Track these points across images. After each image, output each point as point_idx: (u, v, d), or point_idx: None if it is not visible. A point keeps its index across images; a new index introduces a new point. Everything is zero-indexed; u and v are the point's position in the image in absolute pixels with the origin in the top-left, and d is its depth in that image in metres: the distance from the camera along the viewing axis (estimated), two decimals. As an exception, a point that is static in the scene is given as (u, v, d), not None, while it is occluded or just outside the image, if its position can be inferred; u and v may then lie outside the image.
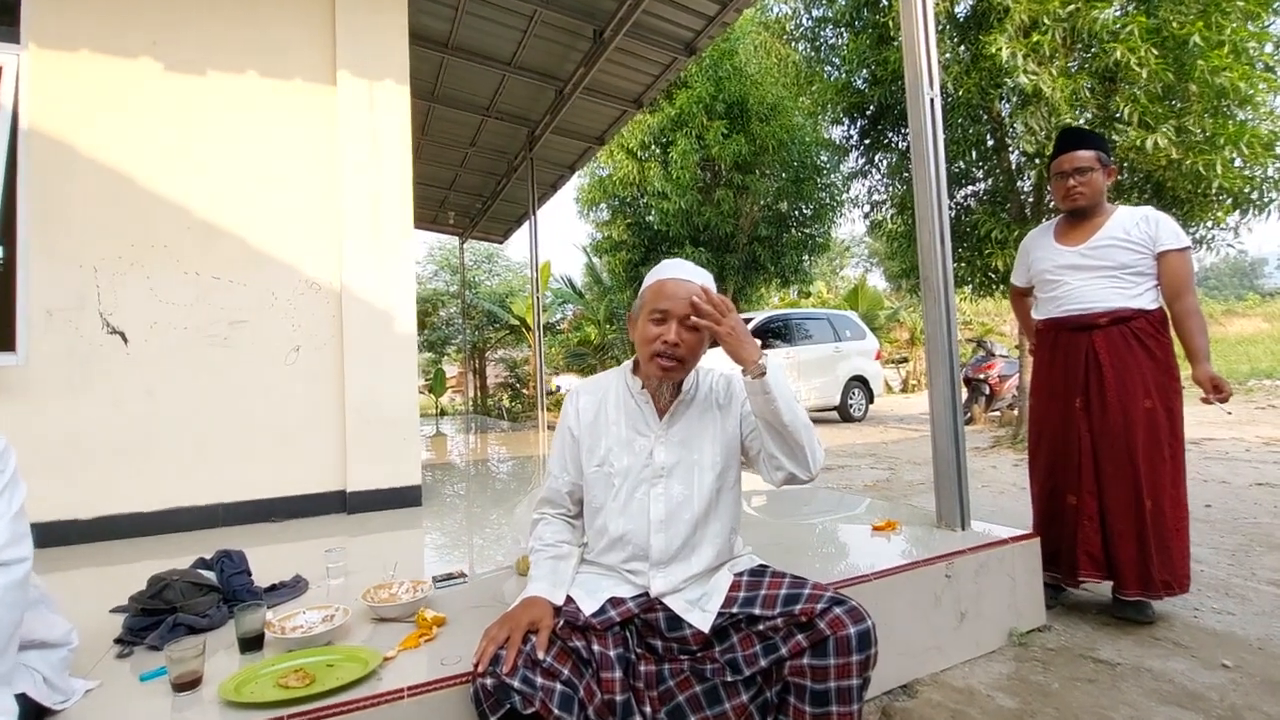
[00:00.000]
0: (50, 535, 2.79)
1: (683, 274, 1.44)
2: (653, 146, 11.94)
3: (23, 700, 1.15)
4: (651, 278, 1.47)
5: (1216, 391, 2.21)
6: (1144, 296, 2.30)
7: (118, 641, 1.63)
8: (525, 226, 9.05)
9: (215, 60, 3.24)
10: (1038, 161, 6.09)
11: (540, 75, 6.09)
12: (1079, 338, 2.37)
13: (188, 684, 1.34)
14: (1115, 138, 5.52)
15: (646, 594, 1.42)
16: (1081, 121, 5.72)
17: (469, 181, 9.17)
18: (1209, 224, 6.02)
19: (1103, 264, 2.31)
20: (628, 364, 1.56)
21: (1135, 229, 2.28)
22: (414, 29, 3.81)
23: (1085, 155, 2.32)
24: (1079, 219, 2.41)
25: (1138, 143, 5.37)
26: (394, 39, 3.58)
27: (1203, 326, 2.25)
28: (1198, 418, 8.29)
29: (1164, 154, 5.37)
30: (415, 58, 3.75)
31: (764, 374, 1.35)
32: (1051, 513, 2.45)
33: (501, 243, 12.32)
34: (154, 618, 1.65)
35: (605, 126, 7.18)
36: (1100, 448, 2.31)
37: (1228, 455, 5.61)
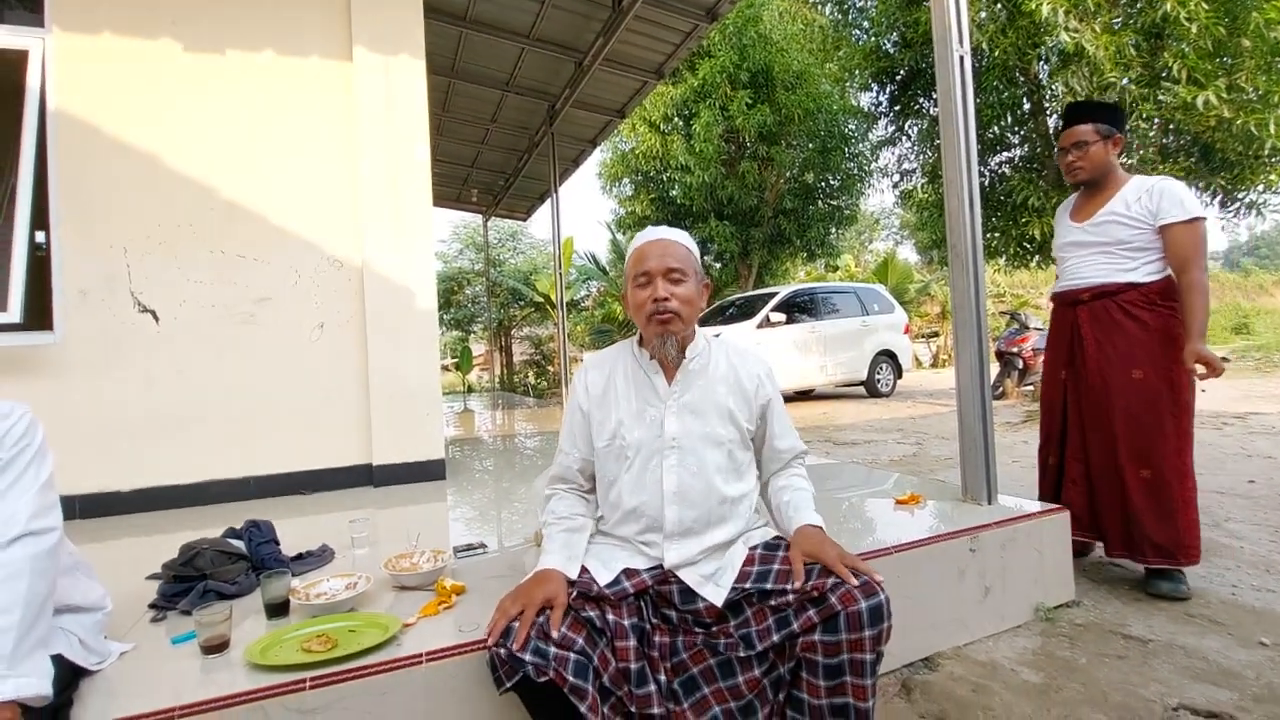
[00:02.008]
0: (93, 506, 2.90)
1: (654, 235, 1.48)
2: (675, 119, 11.75)
3: (59, 661, 1.20)
4: (629, 251, 1.51)
5: (1207, 368, 2.15)
6: (1139, 270, 2.29)
7: (152, 606, 1.69)
8: (548, 203, 9.02)
9: (233, 39, 3.25)
10: (1077, 125, 5.84)
11: (559, 47, 6.00)
12: (1067, 313, 2.47)
13: (216, 647, 1.38)
14: (1162, 97, 5.26)
15: (660, 566, 1.42)
16: (1125, 81, 5.45)
17: (491, 158, 9.14)
18: (1260, 188, 5.73)
19: (1100, 240, 2.34)
20: (633, 338, 1.55)
21: (1136, 203, 2.27)
22: (430, 3, 3.77)
23: (1082, 129, 2.36)
24: (1091, 193, 2.41)
25: (1187, 100, 5.10)
26: (409, 12, 3.55)
27: (1203, 304, 2.17)
28: (1244, 391, 7.99)
29: (1214, 113, 5.09)
30: (433, 32, 3.72)
31: None
32: (1042, 475, 2.59)
33: (525, 220, 12.32)
34: (185, 584, 1.71)
35: (626, 99, 7.07)
36: (1085, 417, 2.39)
37: (1274, 429, 5.39)
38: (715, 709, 1.30)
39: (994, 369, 8.46)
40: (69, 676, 1.22)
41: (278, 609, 1.55)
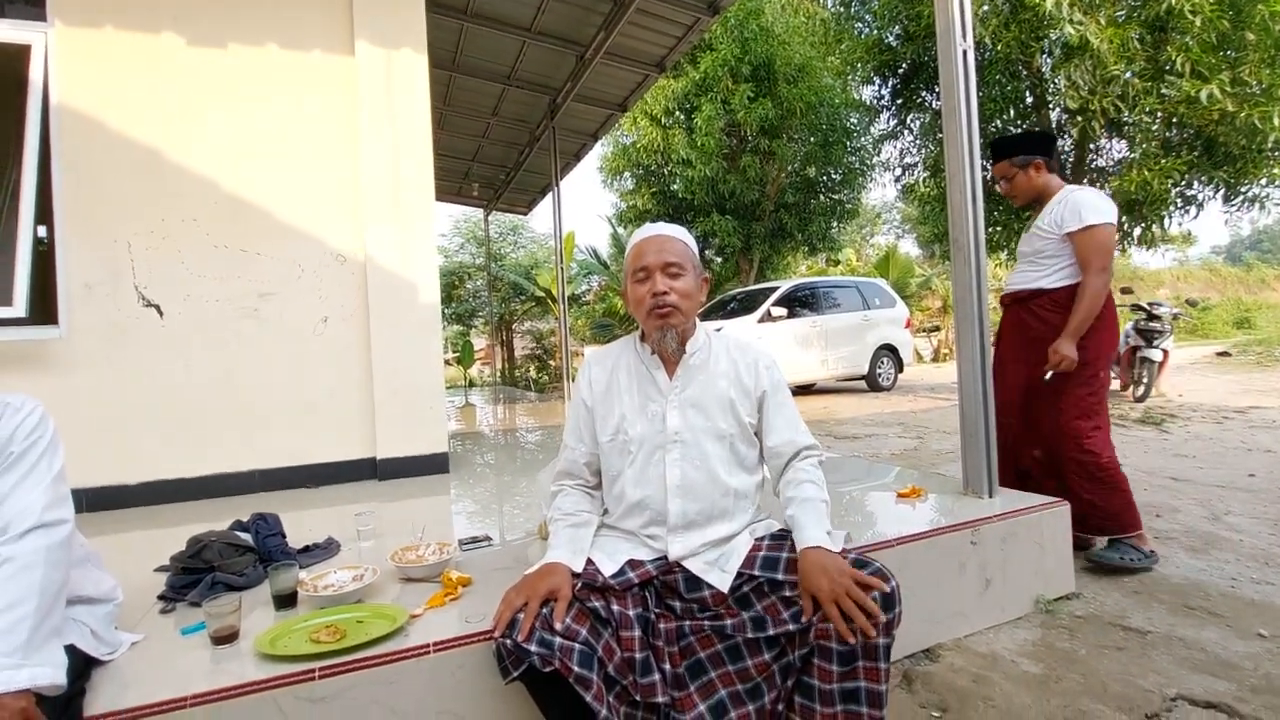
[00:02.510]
0: (100, 500, 2.92)
1: (652, 231, 1.50)
2: (676, 112, 11.71)
3: (72, 651, 1.21)
4: (628, 247, 1.52)
5: (1059, 361, 2.40)
6: (1050, 277, 2.50)
7: (160, 598, 1.71)
8: (549, 197, 9.01)
9: (235, 33, 3.25)
10: (1079, 118, 5.82)
11: (561, 40, 5.98)
12: (1004, 315, 2.74)
13: (226, 638, 1.40)
14: (1166, 90, 5.24)
15: (665, 557, 1.43)
16: (1129, 74, 5.43)
17: (492, 152, 9.12)
18: (1263, 182, 5.72)
19: (1024, 251, 2.62)
20: (635, 333, 1.57)
21: (1049, 215, 2.49)
22: (431, -5, 3.76)
23: (1000, 167, 2.63)
24: (1035, 210, 2.64)
25: (1190, 93, 5.08)
26: (411, 6, 3.54)
27: (1085, 307, 2.38)
28: (1245, 386, 8.00)
29: (1218, 107, 5.08)
30: (434, 26, 3.71)
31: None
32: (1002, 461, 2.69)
33: (526, 214, 12.30)
34: (193, 576, 1.72)
35: (628, 92, 7.04)
36: (1008, 407, 2.61)
37: (1275, 424, 5.40)
38: (721, 692, 1.31)
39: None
40: (82, 666, 1.24)
41: (286, 600, 1.57)
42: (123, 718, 1.17)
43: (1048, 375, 2.46)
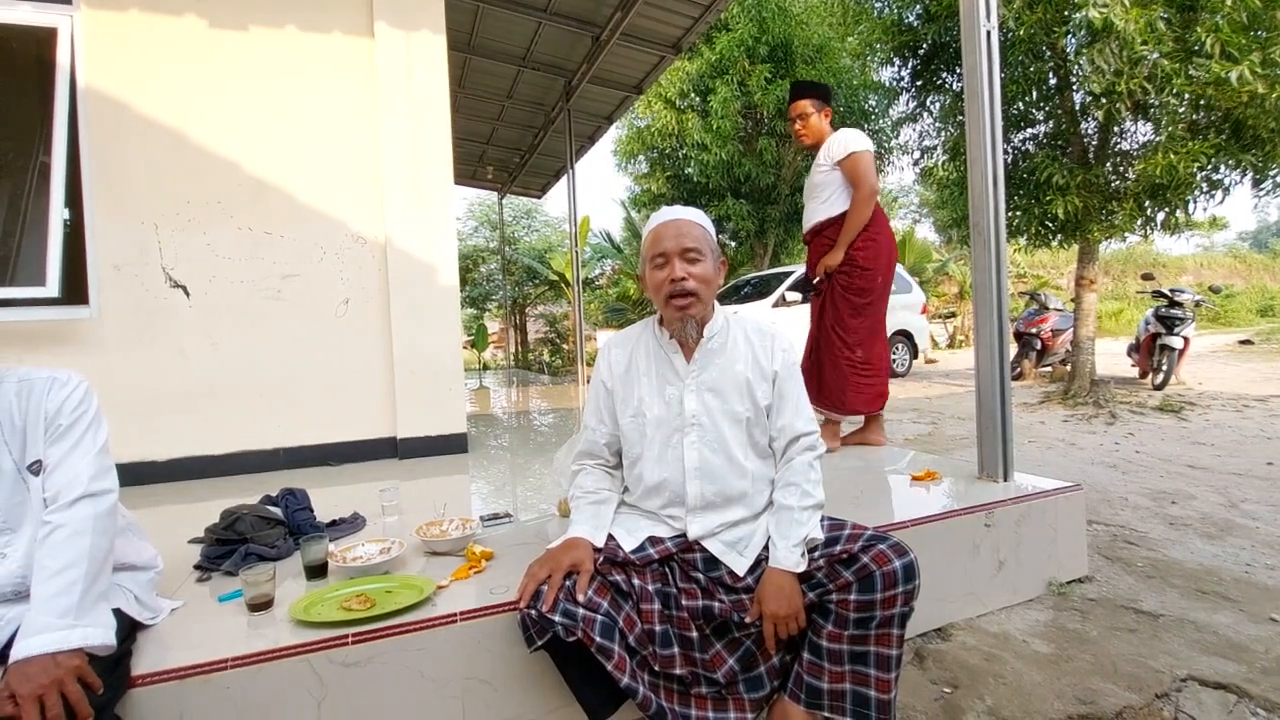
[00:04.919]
0: (131, 475, 3.01)
1: (670, 215, 1.50)
2: (692, 95, 11.58)
3: (118, 615, 1.27)
4: (645, 231, 1.52)
5: (827, 265, 2.93)
6: (830, 206, 2.95)
7: (197, 568, 1.77)
8: (563, 181, 8.99)
9: (256, 16, 3.27)
10: (1104, 101, 5.69)
11: (576, 21, 5.94)
12: (808, 250, 3.18)
13: (261, 605, 1.46)
14: (1194, 72, 5.11)
15: (684, 535, 1.47)
16: (1156, 55, 5.30)
17: (506, 135, 9.10)
18: (1293, 165, 5.58)
19: (808, 189, 3.07)
20: (654, 317, 1.58)
21: (824, 152, 2.95)
22: (449, -24, 3.75)
23: (802, 103, 3.02)
24: (814, 156, 3.04)
25: (1219, 75, 4.95)
26: (429, -13, 3.54)
27: (854, 219, 2.85)
28: (1265, 374, 7.88)
29: (1247, 89, 4.95)
30: (451, 8, 3.70)
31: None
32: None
33: (540, 197, 12.28)
34: (227, 547, 1.79)
35: (643, 74, 6.99)
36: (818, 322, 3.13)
37: (1297, 412, 5.34)
38: (748, 642, 1.38)
39: (1012, 350, 8.38)
40: (127, 629, 1.30)
41: (317, 571, 1.63)
42: (168, 678, 1.24)
43: (817, 278, 3.00)
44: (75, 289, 2.86)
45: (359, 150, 3.43)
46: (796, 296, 8.79)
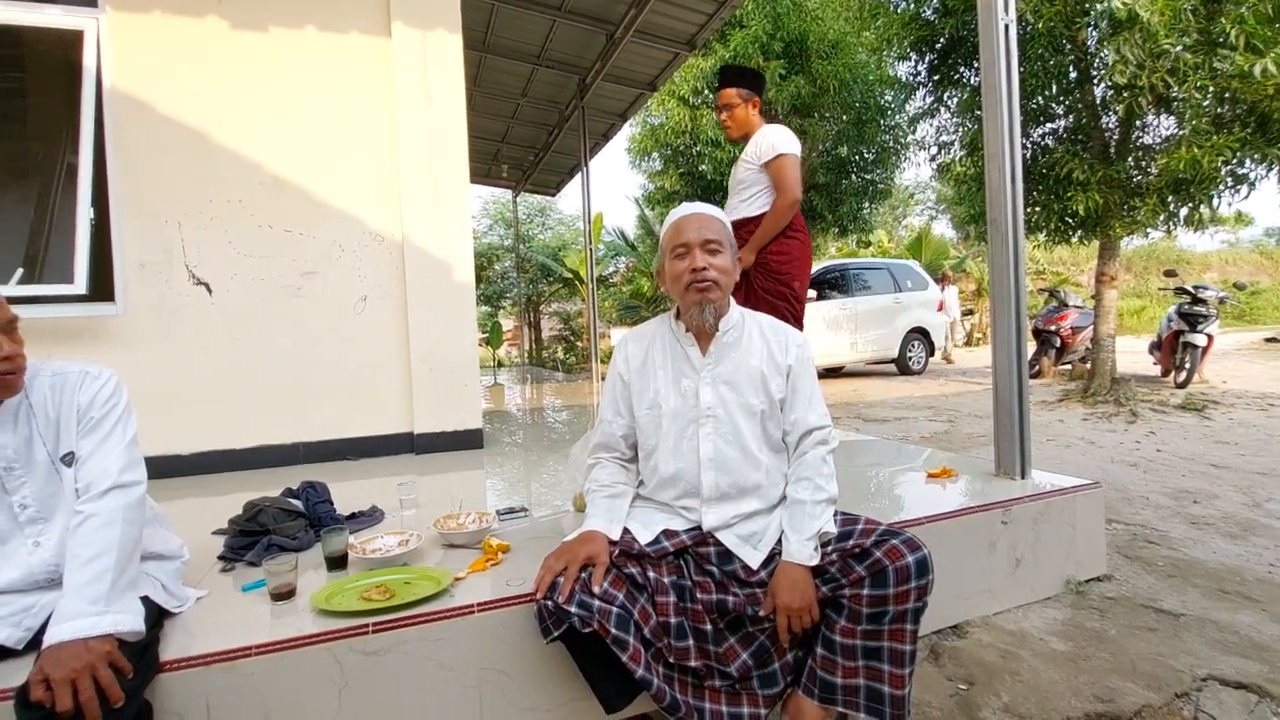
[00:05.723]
0: (155, 469, 3.04)
1: (691, 210, 1.52)
2: (706, 92, 11.55)
3: (146, 603, 1.31)
4: (666, 225, 1.54)
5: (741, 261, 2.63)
6: (751, 205, 2.78)
7: (220, 558, 1.81)
8: (577, 179, 9.01)
9: (275, 17, 3.31)
10: (1125, 95, 5.60)
11: (591, 19, 5.95)
12: None
13: (284, 594, 1.49)
14: (1218, 64, 5.01)
15: (699, 528, 1.48)
16: (1180, 48, 5.20)
17: (521, 133, 9.14)
18: (1321, 161, 5.44)
19: (733, 183, 2.90)
20: (670, 311, 1.59)
21: (752, 147, 2.76)
22: (465, -25, 3.77)
23: (728, 93, 2.81)
24: (742, 148, 2.86)
25: (1244, 68, 4.86)
26: (445, -13, 3.57)
27: (770, 221, 2.68)
28: (1276, 374, 7.71)
29: (1273, 82, 4.85)
30: (466, 6, 3.73)
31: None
32: None
33: (554, 195, 12.33)
34: (250, 538, 1.83)
35: (657, 71, 6.99)
36: None
37: (1325, 411, 5.23)
38: (762, 637, 1.38)
39: (1030, 347, 8.27)
40: (155, 616, 1.33)
41: (337, 562, 1.66)
42: (194, 664, 1.27)
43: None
44: (102, 286, 2.92)
45: (376, 149, 3.47)
46: (811, 294, 8.75)
